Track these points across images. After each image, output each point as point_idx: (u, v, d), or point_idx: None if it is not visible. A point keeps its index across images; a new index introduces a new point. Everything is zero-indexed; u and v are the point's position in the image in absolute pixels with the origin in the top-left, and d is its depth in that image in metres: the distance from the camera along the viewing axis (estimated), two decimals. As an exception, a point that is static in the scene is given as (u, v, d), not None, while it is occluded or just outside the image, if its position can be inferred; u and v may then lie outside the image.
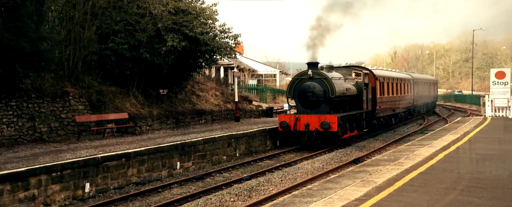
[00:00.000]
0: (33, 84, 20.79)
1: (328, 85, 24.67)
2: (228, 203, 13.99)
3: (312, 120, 24.16)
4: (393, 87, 35.75)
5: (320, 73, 25.30)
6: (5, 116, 18.99)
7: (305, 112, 25.26)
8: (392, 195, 10.53)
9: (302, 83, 25.43)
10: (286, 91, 27.07)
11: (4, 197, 12.56)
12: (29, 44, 18.21)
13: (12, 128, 19.21)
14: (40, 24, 19.76)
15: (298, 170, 18.86)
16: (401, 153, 17.84)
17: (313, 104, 25.22)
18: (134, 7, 24.83)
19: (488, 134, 23.38)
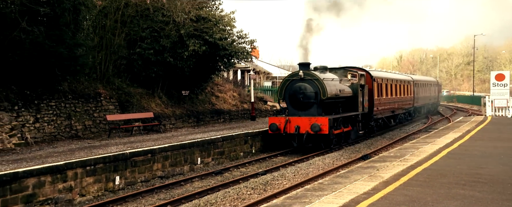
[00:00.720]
0: (70, 86, 21.12)
1: (320, 86, 22.47)
2: (244, 195, 13.96)
3: (303, 122, 22.06)
4: (392, 89, 33.46)
5: (311, 74, 22.99)
6: (46, 115, 19.34)
7: (296, 114, 22.93)
8: (398, 189, 10.51)
9: (293, 84, 23.11)
10: (277, 92, 24.59)
11: (46, 188, 12.85)
12: (66, 50, 18.53)
13: (52, 125, 19.54)
14: (76, 32, 20.01)
15: (310, 165, 18.80)
16: (406, 150, 17.69)
17: (304, 105, 22.87)
18: (159, 15, 25.03)
19: (489, 133, 23.24)
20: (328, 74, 24.72)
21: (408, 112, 39.81)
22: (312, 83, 22.61)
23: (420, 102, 43.67)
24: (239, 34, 28.79)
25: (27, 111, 18.65)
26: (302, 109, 22.88)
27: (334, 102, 24.21)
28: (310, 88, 22.54)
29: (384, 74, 33.57)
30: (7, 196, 11.89)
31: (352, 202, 9.39)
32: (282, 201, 10.35)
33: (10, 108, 17.99)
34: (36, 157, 14.98)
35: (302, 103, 22.76)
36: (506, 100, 35.86)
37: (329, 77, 24.00)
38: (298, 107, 22.98)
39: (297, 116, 22.52)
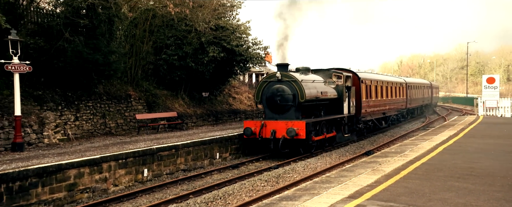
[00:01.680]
0: (104, 89, 21.42)
1: (298, 88, 19.43)
2: (259, 187, 13.93)
3: (279, 126, 19.01)
4: (382, 91, 30.02)
5: (289, 75, 19.79)
6: (84, 114, 19.66)
7: (274, 118, 19.84)
8: (398, 182, 10.54)
9: (271, 86, 19.90)
10: (254, 95, 20.86)
11: (85, 178, 13.13)
12: (102, 57, 18.79)
13: (89, 123, 19.85)
14: (110, 40, 20.26)
15: (318, 160, 18.75)
16: (406, 146, 17.65)
17: (281, 108, 19.78)
18: (182, 25, 25.23)
19: (480, 131, 23.14)
20: (310, 75, 21.74)
21: (401, 113, 37.03)
22: (290, 85, 19.62)
23: (414, 104, 41.17)
24: (253, 41, 28.89)
25: (68, 111, 18.98)
26: (280, 112, 19.88)
27: (315, 105, 21.36)
28: (288, 91, 19.54)
29: (374, 76, 30.04)
30: (53, 184, 12.23)
31: (357, 194, 9.43)
32: (293, 192, 10.31)
33: (55, 108, 18.35)
34: (76, 151, 15.27)
35: (279, 106, 19.77)
36: (496, 101, 36.01)
37: (309, 79, 20.88)
38: (275, 110, 19.97)
39: (274, 120, 19.54)
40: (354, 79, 25.40)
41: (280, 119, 19.47)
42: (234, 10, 28.60)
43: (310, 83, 20.54)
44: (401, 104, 35.81)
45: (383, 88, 30.09)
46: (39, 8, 19.82)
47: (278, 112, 19.87)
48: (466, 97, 72.63)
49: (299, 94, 19.37)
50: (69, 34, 18.16)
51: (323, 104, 21.98)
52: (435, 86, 57.77)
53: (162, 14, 24.11)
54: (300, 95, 19.37)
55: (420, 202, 8.71)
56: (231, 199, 12.44)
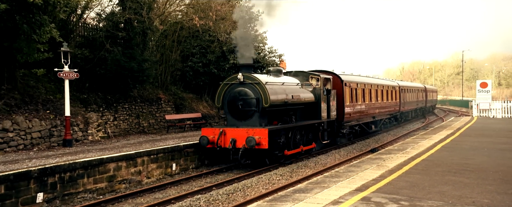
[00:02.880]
0: (138, 93, 21.71)
1: (261, 92, 15.65)
2: (274, 181, 13.85)
3: (240, 135, 15.21)
4: (371, 94, 26.14)
5: (252, 77, 15.99)
6: (121, 115, 19.97)
7: (236, 124, 16.03)
8: (401, 176, 10.51)
9: (232, 89, 16.20)
10: (215, 99, 16.83)
11: (122, 171, 13.34)
12: (136, 65, 19.07)
13: (126, 123, 20.15)
14: (144, 50, 20.53)
15: (328, 157, 18.55)
16: (408, 144, 17.49)
17: (244, 114, 16.01)
18: (206, 35, 25.43)
19: (475, 130, 22.90)
20: (282, 78, 17.93)
21: (394, 116, 33.31)
22: (253, 88, 15.82)
23: (407, 107, 37.41)
24: (269, 50, 29.04)
25: (108, 112, 19.30)
26: (242, 118, 16.07)
27: (285, 110, 17.40)
28: (251, 94, 15.80)
29: (360, 79, 26.01)
30: (97, 176, 12.52)
31: (363, 187, 9.40)
32: (305, 185, 10.22)
33: (97, 109, 18.71)
34: (114, 147, 15.55)
35: (241, 111, 15.97)
36: (488, 104, 35.79)
37: (277, 81, 17.04)
38: (237, 116, 16.15)
39: (236, 127, 15.76)
40: (336, 82, 21.66)
41: (243, 126, 15.65)
42: (252, 22, 28.75)
43: (278, 86, 16.69)
44: (394, 107, 32.25)
45: (372, 91, 26.40)
46: (85, 24, 20.29)
47: (240, 117, 16.06)
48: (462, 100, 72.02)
49: (262, 98, 15.58)
50: (109, 45, 18.54)
51: (296, 109, 18.06)
52: (431, 90, 54.80)
53: (189, 26, 24.36)
54: (264, 99, 15.57)
55: (420, 194, 8.71)
56: (250, 191, 12.42)
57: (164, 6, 23.15)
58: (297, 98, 17.58)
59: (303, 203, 8.13)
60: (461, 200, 8.27)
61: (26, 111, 15.59)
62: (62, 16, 16.79)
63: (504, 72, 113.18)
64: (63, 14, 16.82)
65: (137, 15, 18.99)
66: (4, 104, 14.98)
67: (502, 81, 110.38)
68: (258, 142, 14.64)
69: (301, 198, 8.61)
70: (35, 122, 15.37)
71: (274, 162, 16.36)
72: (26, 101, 15.93)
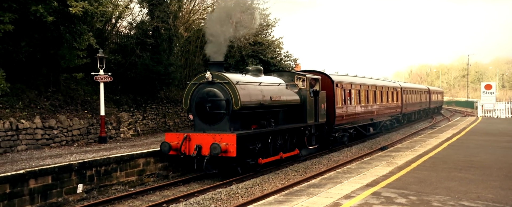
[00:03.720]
0: (165, 94, 21.93)
1: (231, 92, 12.95)
2: (290, 176, 13.83)
3: (205, 141, 12.57)
4: (368, 96, 23.63)
5: (222, 76, 13.17)
6: (150, 115, 20.21)
7: (205, 129, 13.35)
8: (409, 173, 10.46)
9: (200, 90, 13.51)
10: (182, 101, 14.35)
11: (150, 166, 13.47)
12: (163, 69, 19.26)
13: (153, 122, 20.38)
14: (170, 55, 20.65)
15: (340, 154, 18.44)
16: (416, 143, 17.37)
17: (212, 117, 13.30)
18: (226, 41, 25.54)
19: (480, 129, 22.63)
20: (261, 78, 15.01)
21: (395, 118, 30.40)
22: (223, 88, 13.10)
23: (410, 108, 34.67)
24: (285, 54, 28.99)
25: (138, 112, 19.56)
26: (211, 122, 13.34)
27: (261, 113, 14.43)
28: (220, 95, 13.12)
29: (355, 80, 23.04)
30: (128, 170, 12.71)
31: (374, 182, 9.39)
32: (319, 181, 10.21)
33: (128, 110, 19.02)
34: (143, 144, 15.74)
35: (209, 115, 13.28)
36: (493, 105, 35.44)
37: (252, 81, 14.10)
38: (205, 120, 13.42)
39: (204, 132, 13.05)
40: (326, 83, 18.87)
41: (212, 131, 13.05)
42: (269, 28, 28.84)
43: (253, 87, 13.86)
44: (395, 109, 29.57)
45: (369, 93, 23.86)
46: (118, 32, 20.67)
47: (209, 121, 13.36)
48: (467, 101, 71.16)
49: (233, 99, 12.90)
50: (139, 51, 18.83)
51: (277, 111, 15.41)
52: (435, 91, 51.46)
53: (211, 33, 24.48)
54: (234, 101, 12.89)
55: (427, 189, 8.67)
56: (267, 185, 12.43)
57: (189, 15, 23.37)
58: (277, 100, 14.85)
59: (317, 197, 8.15)
60: (467, 195, 8.21)
61: (68, 110, 16.07)
62: (99, 26, 17.15)
63: (507, 75, 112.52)
64: (100, 24, 17.19)
65: (164, 23, 19.22)
66: (50, 105, 15.51)
67: (505, 83, 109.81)
68: (225, 149, 11.95)
69: (315, 193, 8.63)
70: (75, 120, 15.79)
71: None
72: (68, 102, 16.43)
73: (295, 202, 7.82)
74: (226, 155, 12.18)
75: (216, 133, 12.63)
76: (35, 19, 12.49)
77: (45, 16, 12.36)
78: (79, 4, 12.36)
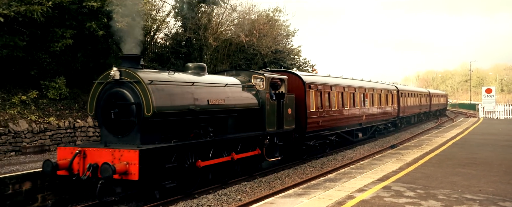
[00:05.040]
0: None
1: (142, 94, 8.86)
2: (307, 171, 13.71)
3: (103, 158, 8.44)
4: (354, 99, 19.54)
5: (132, 74, 9.05)
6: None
7: (112, 141, 9.17)
8: (417, 169, 10.39)
9: (108, 91, 9.37)
10: (88, 105, 9.81)
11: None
12: (194, 76, 19.45)
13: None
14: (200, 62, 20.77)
15: (354, 151, 18.28)
16: (423, 141, 17.15)
17: (120, 127, 9.14)
18: (250, 50, 25.68)
19: (481, 129, 22.23)
20: (204, 77, 11.13)
21: (391, 122, 26.47)
22: (133, 89, 9.03)
23: (408, 112, 30.69)
24: (303, 61, 29.13)
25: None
26: (119, 133, 9.20)
27: (193, 121, 10.17)
28: (130, 98, 9.01)
29: (335, 81, 18.61)
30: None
31: (384, 177, 9.34)
32: (334, 176, 10.11)
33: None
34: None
35: (116, 123, 9.15)
36: (493, 107, 35.08)
37: (180, 81, 9.97)
38: (112, 130, 9.28)
39: (108, 146, 8.80)
40: (295, 84, 15.00)
41: (120, 144, 8.96)
42: (289, 37, 28.97)
43: (177, 87, 9.75)
44: (391, 112, 25.78)
45: (356, 95, 19.90)
46: (156, 43, 21.07)
47: (116, 132, 9.20)
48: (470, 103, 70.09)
49: (144, 104, 8.80)
50: (173, 59, 19.18)
51: (221, 118, 11.27)
52: (437, 95, 47.40)
53: (236, 43, 24.72)
54: (146, 105, 8.78)
55: (434, 184, 8.64)
56: (287, 179, 12.42)
57: (217, 26, 23.63)
58: (220, 104, 10.84)
59: (332, 191, 8.17)
60: (469, 189, 8.18)
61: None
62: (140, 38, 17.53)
63: (506, 80, 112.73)
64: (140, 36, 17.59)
65: (195, 34, 19.53)
66: None
67: (504, 87, 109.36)
68: (124, 170, 8.06)
69: (331, 186, 8.64)
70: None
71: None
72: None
73: (313, 195, 7.87)
74: (126, 178, 8.15)
75: (121, 147, 8.48)
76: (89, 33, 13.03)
77: (97, 31, 12.90)
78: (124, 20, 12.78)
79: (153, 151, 8.70)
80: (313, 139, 15.82)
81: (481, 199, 7.33)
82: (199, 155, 10.19)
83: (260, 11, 25.81)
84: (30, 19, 11.53)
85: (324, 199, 7.42)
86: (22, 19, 11.48)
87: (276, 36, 26.38)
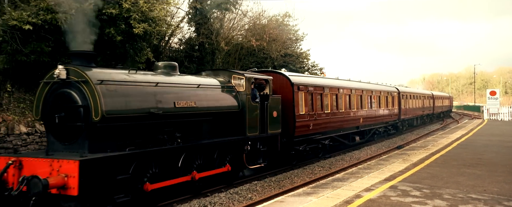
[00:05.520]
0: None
1: (90, 96, 7.23)
2: (316, 171, 13.60)
3: (41, 170, 6.80)
4: (350, 101, 17.90)
5: (80, 73, 7.38)
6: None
7: (58, 150, 7.57)
8: (423, 169, 10.36)
9: (54, 92, 7.68)
10: (33, 108, 8.02)
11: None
12: (206, 78, 19.52)
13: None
14: (212, 66, 20.95)
15: (361, 152, 18.12)
16: (428, 142, 17.04)
17: (66, 133, 7.51)
18: (261, 53, 25.69)
19: (486, 130, 22.01)
20: (175, 77, 9.65)
21: (392, 125, 24.76)
22: (80, 90, 7.45)
23: (410, 114, 28.79)
24: (312, 64, 29.08)
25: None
26: (66, 140, 7.61)
27: (156, 126, 8.68)
28: (77, 100, 7.44)
29: (327, 82, 16.78)
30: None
31: (391, 177, 9.34)
32: (342, 175, 10.11)
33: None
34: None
35: (61, 129, 7.59)
36: (497, 109, 34.93)
37: (139, 81, 8.32)
38: (58, 136, 7.69)
39: (50, 155, 7.23)
40: (282, 85, 13.53)
41: (66, 152, 7.56)
42: (298, 42, 28.95)
43: (136, 88, 8.20)
44: (391, 115, 24.04)
45: (353, 97, 18.30)
46: (170, 47, 21.21)
47: (62, 138, 7.72)
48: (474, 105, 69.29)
49: (92, 106, 7.35)
50: (187, 63, 19.32)
51: (194, 122, 9.73)
52: (441, 97, 45.25)
53: (247, 47, 24.78)
54: (94, 108, 7.33)
55: (439, 183, 8.60)
56: (296, 179, 12.40)
57: (229, 31, 23.75)
58: (189, 107, 9.28)
59: (340, 190, 8.19)
60: (474, 188, 8.12)
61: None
62: (155, 42, 17.78)
63: (510, 83, 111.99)
64: (156, 41, 17.83)
65: (208, 39, 19.65)
66: None
67: (508, 90, 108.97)
68: (62, 184, 6.62)
69: (339, 186, 8.66)
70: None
71: None
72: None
73: (321, 194, 7.89)
74: (65, 193, 6.69)
75: (63, 157, 7.04)
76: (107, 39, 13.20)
77: (115, 36, 13.09)
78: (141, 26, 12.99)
79: (99, 161, 7.09)
80: (303, 143, 14.31)
81: (486, 199, 7.27)
82: (164, 164, 8.64)
83: (270, 16, 25.88)
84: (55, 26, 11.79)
85: (332, 198, 7.43)
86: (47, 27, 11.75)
87: (285, 40, 26.38)
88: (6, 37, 11.34)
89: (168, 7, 17.42)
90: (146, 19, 13.58)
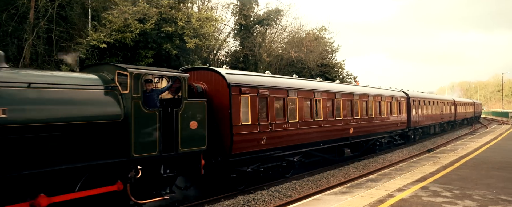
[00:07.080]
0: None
1: None
2: (350, 172, 13.33)
3: None
4: (334, 107, 13.36)
5: None
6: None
7: None
8: (453, 171, 10.00)
9: None
10: None
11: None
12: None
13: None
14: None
15: (393, 155, 17.53)
16: (458, 146, 16.34)
17: None
18: (299, 64, 25.74)
19: (516, 136, 20.82)
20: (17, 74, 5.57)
21: (400, 134, 19.85)
22: None
23: (424, 122, 23.33)
24: (346, 73, 28.68)
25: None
26: None
27: None
28: None
29: (293, 83, 11.82)
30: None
31: (422, 178, 9.10)
32: (375, 176, 9.91)
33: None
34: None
35: None
36: None
37: None
38: None
39: None
40: (216, 85, 9.42)
41: None
42: (333, 53, 28.72)
43: None
44: (398, 123, 19.08)
45: (341, 103, 13.87)
46: (218, 59, 21.83)
47: None
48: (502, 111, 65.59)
49: None
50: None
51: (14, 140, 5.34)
52: (464, 103, 38.77)
53: (287, 58, 24.90)
54: None
55: (469, 185, 8.27)
56: (332, 179, 12.28)
57: (270, 44, 23.97)
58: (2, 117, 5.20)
59: (374, 190, 8.09)
60: (504, 190, 7.76)
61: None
62: (205, 55, 18.35)
63: None
64: (206, 54, 18.39)
65: (251, 51, 19.94)
66: None
67: None
68: None
69: (373, 186, 8.56)
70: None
71: None
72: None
73: (356, 193, 7.83)
74: None
75: None
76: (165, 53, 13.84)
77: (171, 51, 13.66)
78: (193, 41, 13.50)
79: None
80: (252, 162, 10.03)
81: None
82: None
83: (307, 30, 25.87)
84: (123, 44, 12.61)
85: (366, 197, 7.35)
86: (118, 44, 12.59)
87: (321, 51, 26.22)
88: (88, 54, 12.27)
89: (217, 24, 17.90)
90: (197, 35, 14.08)
